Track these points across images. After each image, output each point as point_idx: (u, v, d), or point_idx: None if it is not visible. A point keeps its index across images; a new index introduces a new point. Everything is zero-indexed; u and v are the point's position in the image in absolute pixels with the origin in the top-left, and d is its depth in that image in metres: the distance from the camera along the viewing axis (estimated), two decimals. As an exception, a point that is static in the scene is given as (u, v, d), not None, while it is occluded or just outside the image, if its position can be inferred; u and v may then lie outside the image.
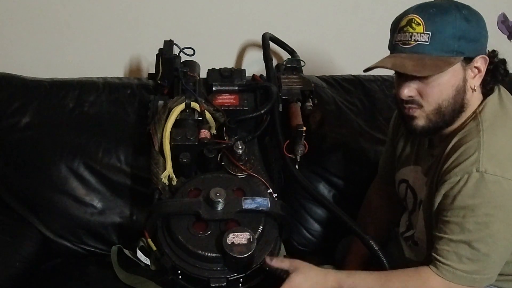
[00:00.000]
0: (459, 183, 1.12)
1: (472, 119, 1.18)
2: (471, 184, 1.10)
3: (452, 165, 1.13)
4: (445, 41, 1.11)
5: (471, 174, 1.10)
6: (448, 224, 1.14)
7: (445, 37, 1.11)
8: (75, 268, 1.60)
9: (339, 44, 1.97)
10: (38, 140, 1.65)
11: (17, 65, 1.84)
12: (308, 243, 1.73)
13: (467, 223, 1.12)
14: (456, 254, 1.13)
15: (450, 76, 1.13)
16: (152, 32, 1.85)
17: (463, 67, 1.15)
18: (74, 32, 1.86)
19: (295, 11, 1.91)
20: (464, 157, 1.12)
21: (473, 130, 1.15)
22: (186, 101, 1.52)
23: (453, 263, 1.14)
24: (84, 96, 1.72)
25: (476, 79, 1.17)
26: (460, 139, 1.16)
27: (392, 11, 1.90)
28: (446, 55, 1.12)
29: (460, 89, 1.16)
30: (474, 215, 1.11)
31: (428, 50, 1.12)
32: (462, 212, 1.12)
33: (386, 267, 1.26)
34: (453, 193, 1.13)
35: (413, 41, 1.13)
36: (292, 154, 1.52)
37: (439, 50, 1.12)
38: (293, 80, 1.67)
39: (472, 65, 1.15)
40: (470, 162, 1.11)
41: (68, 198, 1.64)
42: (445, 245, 1.15)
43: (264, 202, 1.35)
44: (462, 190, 1.11)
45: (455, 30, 1.11)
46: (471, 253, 1.13)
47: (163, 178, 1.42)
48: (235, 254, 1.25)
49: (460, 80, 1.15)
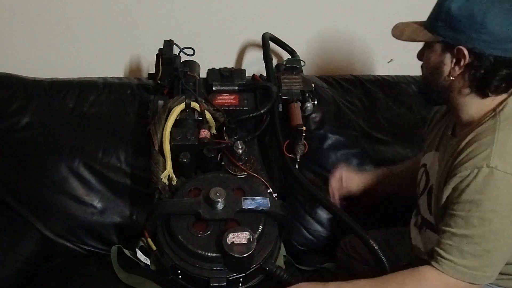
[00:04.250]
0: (468, 177, 1.12)
1: (491, 118, 1.18)
2: (480, 179, 1.11)
3: (464, 159, 1.14)
4: (433, 21, 1.18)
5: (481, 169, 1.11)
6: (454, 218, 1.15)
7: (434, 16, 1.18)
8: (75, 268, 1.60)
9: (339, 44, 1.97)
10: (38, 140, 1.65)
11: (17, 65, 1.84)
12: (308, 243, 1.73)
13: (472, 218, 1.12)
14: (458, 249, 1.14)
15: (432, 53, 1.21)
16: (152, 32, 1.85)
17: (443, 50, 1.18)
18: (74, 32, 1.86)
19: (295, 11, 1.91)
20: (476, 152, 1.13)
21: (489, 127, 1.16)
22: (186, 101, 1.52)
23: (455, 258, 1.14)
24: (84, 96, 1.72)
25: (456, 68, 1.17)
26: (476, 135, 1.17)
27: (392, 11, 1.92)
28: (429, 32, 1.19)
29: (436, 70, 1.20)
30: (480, 210, 1.11)
31: (425, 24, 1.21)
32: (468, 206, 1.13)
33: (386, 266, 1.27)
34: (461, 187, 1.14)
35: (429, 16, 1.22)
36: (292, 154, 1.52)
37: (427, 26, 1.20)
38: (293, 80, 1.67)
39: (453, 53, 1.16)
40: (482, 157, 1.12)
41: (68, 198, 1.64)
42: (448, 239, 1.15)
43: (264, 201, 1.35)
44: (470, 184, 1.12)
45: (441, 13, 1.15)
46: (473, 248, 1.13)
47: (163, 178, 1.42)
48: (235, 254, 1.25)
49: (437, 61, 1.19)
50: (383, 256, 1.28)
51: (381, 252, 1.28)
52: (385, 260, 1.27)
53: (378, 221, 1.65)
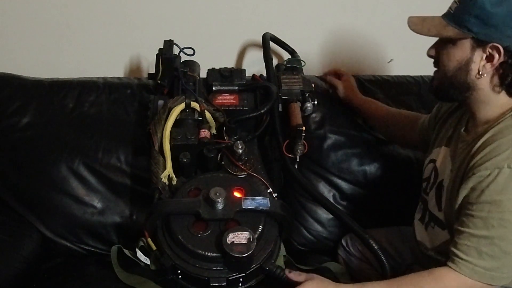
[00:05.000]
0: (488, 177, 1.11)
1: (510, 117, 1.17)
2: (501, 180, 1.10)
3: (483, 159, 1.13)
4: (461, 15, 1.15)
5: (501, 170, 1.10)
6: (472, 218, 1.14)
7: (463, 11, 1.14)
8: (75, 268, 1.60)
9: (339, 44, 1.97)
10: (38, 140, 1.65)
11: (17, 65, 1.84)
12: (308, 243, 1.73)
13: (492, 219, 1.11)
14: (476, 250, 1.13)
15: (457, 50, 1.17)
16: (152, 32, 1.85)
17: (473, 46, 1.16)
18: (74, 32, 1.86)
19: (295, 11, 1.91)
20: (496, 152, 1.12)
21: (509, 127, 1.15)
22: (186, 101, 1.52)
23: (473, 259, 1.13)
24: (84, 96, 1.72)
25: (487, 66, 1.16)
26: (494, 134, 1.15)
27: (392, 11, 1.92)
28: (456, 27, 1.15)
29: (463, 67, 1.17)
30: (500, 211, 1.10)
31: (448, 18, 1.17)
32: (488, 207, 1.12)
33: (385, 266, 1.27)
34: (481, 187, 1.12)
35: (449, 8, 1.19)
36: (291, 154, 1.52)
37: (453, 21, 1.16)
38: (293, 80, 1.67)
39: (486, 50, 1.14)
40: (502, 158, 1.11)
41: (68, 198, 1.64)
42: (466, 239, 1.14)
43: (264, 201, 1.35)
44: (490, 185, 1.11)
45: (474, 8, 1.12)
46: (492, 249, 1.12)
47: (163, 178, 1.42)
48: (235, 254, 1.25)
49: (465, 58, 1.17)
50: (383, 256, 1.28)
51: (381, 252, 1.28)
52: (385, 260, 1.27)
53: (380, 220, 1.65)
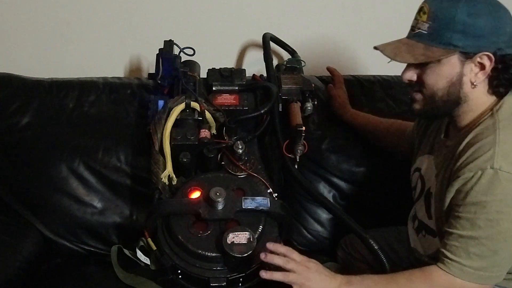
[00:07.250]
0: (472, 179, 1.12)
1: (489, 117, 1.17)
2: (485, 181, 1.10)
3: (467, 161, 1.13)
4: (441, 33, 1.13)
5: (485, 171, 1.10)
6: (459, 220, 1.14)
7: (442, 29, 1.13)
8: (75, 268, 1.60)
9: (339, 44, 1.97)
10: (38, 140, 1.65)
11: (17, 65, 1.84)
12: (308, 243, 1.73)
13: (478, 220, 1.12)
14: (464, 250, 1.14)
15: (445, 67, 1.16)
16: (152, 32, 1.85)
17: (461, 61, 1.15)
18: (74, 32, 1.86)
19: (295, 11, 1.91)
20: (479, 154, 1.12)
21: (489, 128, 1.15)
22: (186, 101, 1.52)
23: (461, 259, 1.14)
24: (84, 96, 1.72)
25: (479, 75, 1.16)
26: (476, 136, 1.16)
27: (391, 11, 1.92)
28: (440, 46, 1.14)
29: (456, 82, 1.17)
30: (486, 211, 1.11)
31: (425, 39, 1.15)
32: (473, 208, 1.12)
33: (385, 265, 1.27)
34: (466, 189, 1.13)
35: (417, 29, 1.17)
36: (291, 154, 1.52)
37: (434, 40, 1.14)
38: (293, 80, 1.67)
39: (475, 61, 1.14)
40: (485, 159, 1.11)
41: (68, 198, 1.64)
42: (454, 240, 1.15)
43: (264, 201, 1.35)
44: (475, 186, 1.11)
45: (454, 24, 1.12)
46: (480, 249, 1.13)
47: (163, 178, 1.42)
48: (235, 254, 1.25)
49: (456, 73, 1.16)
50: (383, 256, 1.28)
51: (381, 252, 1.28)
52: (385, 260, 1.27)
53: (378, 220, 1.65)
